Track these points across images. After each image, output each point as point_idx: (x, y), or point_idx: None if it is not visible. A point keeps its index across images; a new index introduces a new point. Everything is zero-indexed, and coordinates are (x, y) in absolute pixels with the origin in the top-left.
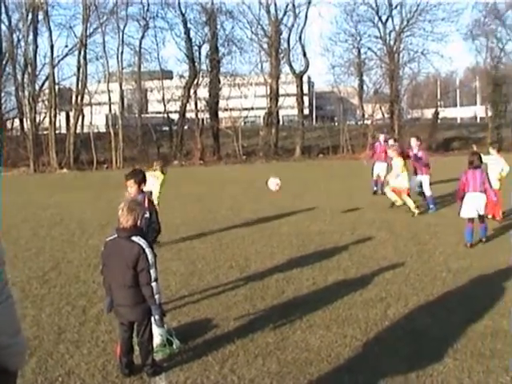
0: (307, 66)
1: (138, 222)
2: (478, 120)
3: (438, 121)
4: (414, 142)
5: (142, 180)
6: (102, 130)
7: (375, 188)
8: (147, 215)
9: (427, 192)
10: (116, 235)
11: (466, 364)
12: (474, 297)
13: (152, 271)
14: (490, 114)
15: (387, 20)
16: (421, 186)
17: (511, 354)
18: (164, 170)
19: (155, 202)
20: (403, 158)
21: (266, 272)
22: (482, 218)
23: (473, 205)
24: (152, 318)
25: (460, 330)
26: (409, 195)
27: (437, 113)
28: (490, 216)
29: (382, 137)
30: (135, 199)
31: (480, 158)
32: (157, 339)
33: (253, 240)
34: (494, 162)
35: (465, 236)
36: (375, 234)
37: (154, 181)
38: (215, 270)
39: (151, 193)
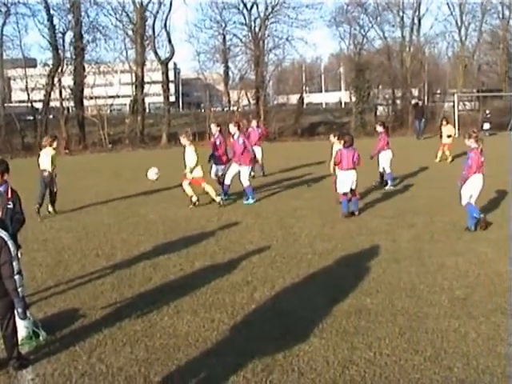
0: (173, 53)
1: None
2: (343, 105)
3: (304, 106)
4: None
5: (4, 170)
6: None
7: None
8: (10, 206)
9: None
10: None
11: (332, 342)
12: (339, 277)
13: (15, 264)
14: (353, 99)
15: (252, 7)
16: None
17: (374, 331)
18: (53, 144)
19: (53, 177)
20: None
21: (132, 260)
22: (353, 191)
23: (347, 180)
24: (15, 311)
25: (325, 310)
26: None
27: (302, 98)
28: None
29: (254, 123)
30: None
31: (352, 138)
32: (22, 332)
33: (119, 228)
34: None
35: (341, 208)
36: (241, 219)
37: (45, 158)
38: (81, 260)
39: (47, 171)
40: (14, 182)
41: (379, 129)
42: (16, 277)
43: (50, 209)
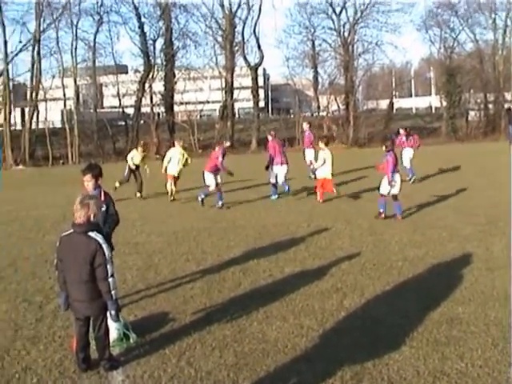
0: (262, 59)
1: (92, 216)
2: (433, 110)
3: (394, 111)
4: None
5: (98, 174)
6: (58, 125)
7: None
8: (103, 208)
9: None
10: (72, 230)
11: (422, 351)
12: (430, 285)
13: (109, 266)
14: (444, 104)
15: (341, 11)
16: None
17: (466, 341)
18: (139, 149)
19: (134, 170)
20: None
21: (222, 265)
22: (395, 196)
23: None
24: (108, 313)
25: (416, 318)
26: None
27: (392, 103)
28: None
29: (306, 126)
30: (88, 193)
31: (393, 143)
32: (113, 333)
33: (209, 233)
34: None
35: (379, 207)
36: (331, 225)
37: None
38: (172, 264)
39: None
40: (105, 185)
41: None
42: (110, 279)
43: (138, 194)
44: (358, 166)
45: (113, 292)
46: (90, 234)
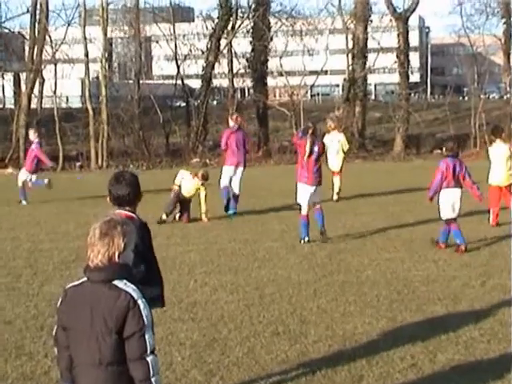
0: (417, 2)
1: (116, 255)
2: None
3: None
4: None
5: (137, 192)
6: (75, 105)
7: None
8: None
9: None
10: (85, 278)
11: None
12: None
13: (148, 337)
14: None
15: None
16: None
17: None
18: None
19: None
20: None
21: (333, 344)
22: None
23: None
24: None
25: None
26: None
27: None
28: None
29: None
30: (114, 217)
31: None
32: None
33: (315, 290)
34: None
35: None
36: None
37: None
38: (249, 339)
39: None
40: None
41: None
42: (149, 358)
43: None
44: None
45: (153, 379)
46: (117, 283)
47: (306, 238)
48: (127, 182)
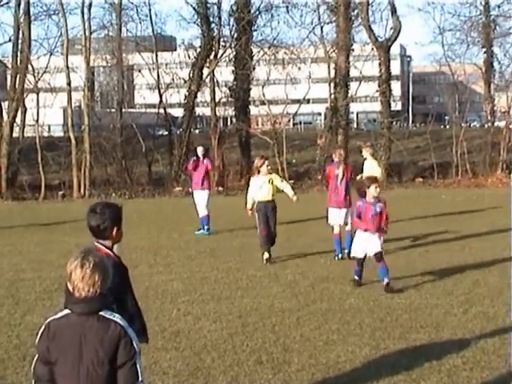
0: (398, 31)
1: (100, 285)
2: None
3: None
4: None
5: (118, 221)
6: (57, 133)
7: None
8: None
9: None
10: (67, 311)
11: None
12: None
13: (139, 364)
14: None
15: None
16: None
17: None
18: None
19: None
20: None
21: (316, 373)
22: None
23: None
24: None
25: None
26: None
27: None
28: None
29: None
30: (92, 247)
31: None
32: None
33: (298, 318)
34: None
35: None
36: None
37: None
38: (232, 368)
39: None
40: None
41: None
42: None
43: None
44: None
45: None
46: (104, 314)
47: (340, 255)
48: (100, 213)
